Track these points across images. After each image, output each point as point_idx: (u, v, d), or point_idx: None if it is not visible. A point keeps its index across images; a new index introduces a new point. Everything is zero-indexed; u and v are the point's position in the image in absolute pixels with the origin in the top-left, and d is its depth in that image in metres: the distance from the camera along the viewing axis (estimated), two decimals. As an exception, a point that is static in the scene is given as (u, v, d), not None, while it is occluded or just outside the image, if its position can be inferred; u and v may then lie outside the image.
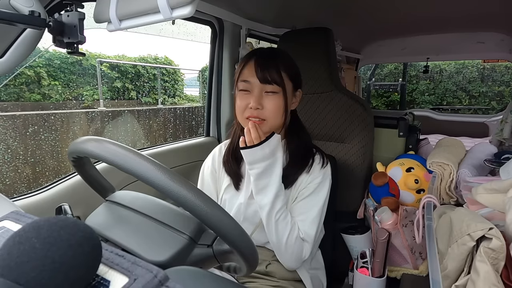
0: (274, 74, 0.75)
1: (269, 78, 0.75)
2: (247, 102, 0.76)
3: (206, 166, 0.93)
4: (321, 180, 0.82)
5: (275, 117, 0.77)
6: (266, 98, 0.77)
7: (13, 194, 0.88)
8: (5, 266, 0.22)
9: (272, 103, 0.76)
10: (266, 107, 0.76)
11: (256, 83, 0.76)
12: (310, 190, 0.82)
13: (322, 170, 0.84)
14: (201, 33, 3.13)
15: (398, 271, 1.09)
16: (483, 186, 0.63)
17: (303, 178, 0.82)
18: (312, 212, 0.81)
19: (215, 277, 0.36)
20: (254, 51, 0.81)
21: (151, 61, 5.94)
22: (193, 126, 5.76)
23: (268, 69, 0.75)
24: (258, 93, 0.76)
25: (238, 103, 0.78)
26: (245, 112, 0.78)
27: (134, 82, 5.59)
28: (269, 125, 0.77)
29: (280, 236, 0.76)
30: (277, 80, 0.76)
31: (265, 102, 0.76)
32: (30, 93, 4.41)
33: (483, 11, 1.44)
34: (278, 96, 0.77)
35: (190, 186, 0.42)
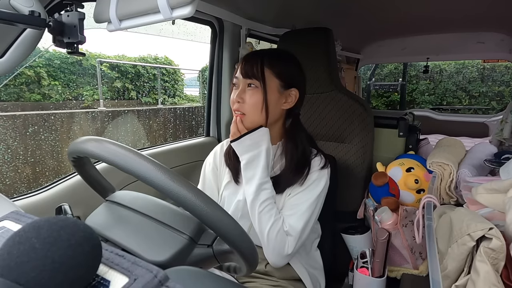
0: (254, 69, 0.77)
1: (249, 72, 0.78)
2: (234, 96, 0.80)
3: (208, 163, 0.93)
4: (316, 177, 0.81)
5: (253, 112, 0.78)
6: (246, 92, 0.79)
7: (13, 194, 0.88)
8: (5, 266, 0.22)
9: (250, 98, 0.78)
10: (245, 101, 0.78)
11: (241, 78, 0.79)
12: (303, 187, 0.80)
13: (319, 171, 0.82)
14: (201, 33, 3.13)
15: (398, 271, 1.09)
16: (483, 186, 0.63)
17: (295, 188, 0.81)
18: (301, 207, 0.78)
19: (215, 277, 0.36)
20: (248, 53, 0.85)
21: (151, 61, 5.94)
22: (193, 126, 5.76)
23: (251, 64, 0.78)
24: (241, 88, 0.79)
25: (230, 97, 0.82)
26: (234, 106, 0.80)
27: (134, 82, 5.59)
28: (248, 120, 0.78)
29: (263, 228, 0.75)
30: (256, 75, 0.77)
31: (245, 96, 0.79)
32: (30, 93, 4.40)
33: (483, 11, 1.44)
34: (257, 91, 0.78)
35: (190, 186, 0.42)
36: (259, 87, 0.78)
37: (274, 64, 0.79)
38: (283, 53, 0.85)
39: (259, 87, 0.78)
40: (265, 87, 0.77)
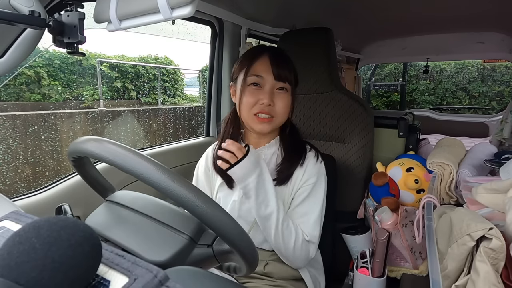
0: (287, 72, 0.77)
1: (283, 75, 0.76)
2: (258, 98, 0.76)
3: (200, 166, 0.93)
4: (317, 179, 0.82)
5: (283, 115, 0.78)
6: (277, 95, 0.77)
7: (13, 194, 0.88)
8: (5, 266, 0.22)
9: (283, 101, 0.77)
10: (277, 104, 0.77)
11: (270, 79, 0.76)
12: (307, 191, 0.81)
13: (316, 166, 0.83)
14: (201, 33, 3.13)
15: (398, 271, 1.09)
16: (483, 186, 0.63)
17: (298, 174, 0.82)
18: (313, 213, 0.80)
19: (215, 277, 0.36)
20: (263, 47, 0.80)
21: (151, 61, 5.94)
22: (193, 126, 5.76)
23: (282, 67, 0.76)
24: (270, 90, 0.76)
25: (248, 99, 0.76)
26: (253, 108, 0.77)
27: (134, 82, 5.59)
28: (277, 122, 0.79)
29: (287, 244, 0.75)
30: (289, 79, 0.77)
31: (276, 100, 0.77)
32: (30, 93, 4.40)
33: (483, 11, 1.44)
34: (288, 95, 0.78)
35: (190, 186, 0.42)
36: (289, 91, 0.78)
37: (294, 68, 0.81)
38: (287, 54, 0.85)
39: (289, 91, 0.78)
40: (293, 91, 0.79)
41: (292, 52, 1.23)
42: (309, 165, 0.83)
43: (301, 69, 1.21)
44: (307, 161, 0.83)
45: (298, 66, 1.23)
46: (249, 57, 0.79)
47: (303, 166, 0.82)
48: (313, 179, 0.81)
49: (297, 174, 0.82)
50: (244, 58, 0.80)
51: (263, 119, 0.77)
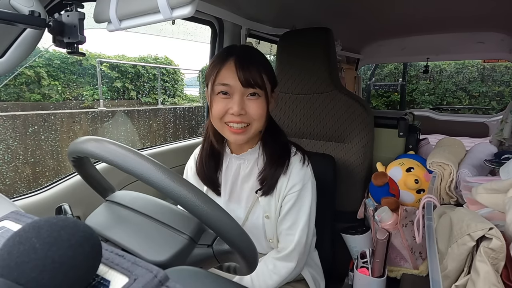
0: (256, 76, 0.70)
1: (252, 81, 0.69)
2: (227, 107, 0.71)
3: (189, 167, 0.90)
4: (302, 185, 0.78)
5: (259, 121, 0.73)
6: (248, 102, 0.71)
7: (13, 194, 0.88)
8: (5, 266, 0.22)
9: (256, 107, 0.71)
10: (249, 112, 0.71)
11: (238, 86, 0.69)
12: (293, 199, 0.78)
13: (301, 171, 0.78)
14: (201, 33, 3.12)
15: (398, 271, 1.09)
16: (483, 186, 0.63)
17: (283, 182, 0.78)
18: (299, 222, 0.78)
19: (215, 277, 0.36)
20: (230, 50, 0.73)
21: (151, 61, 5.94)
22: (193, 126, 5.76)
23: (250, 71, 0.69)
24: (239, 98, 0.70)
25: (216, 108, 0.72)
26: (225, 117, 0.72)
27: (134, 82, 5.59)
28: (253, 129, 0.73)
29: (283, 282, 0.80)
30: (259, 83, 0.70)
31: (248, 107, 0.71)
32: (30, 93, 4.40)
33: (483, 11, 1.44)
34: (261, 100, 0.72)
35: (190, 186, 0.42)
36: (262, 95, 0.72)
37: (267, 68, 0.74)
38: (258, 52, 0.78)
39: (262, 96, 0.72)
40: (267, 95, 0.73)
41: (292, 52, 1.25)
42: (294, 172, 0.78)
43: (301, 69, 1.22)
44: (291, 167, 0.78)
45: (298, 66, 1.23)
46: (216, 63, 0.72)
47: (287, 173, 0.78)
48: (299, 185, 0.77)
49: (282, 182, 0.78)
50: (213, 64, 0.73)
51: (236, 130, 0.72)
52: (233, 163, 0.83)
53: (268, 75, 0.74)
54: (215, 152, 0.83)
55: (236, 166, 0.83)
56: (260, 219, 0.80)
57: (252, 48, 0.79)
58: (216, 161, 0.84)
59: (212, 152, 0.83)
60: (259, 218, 0.80)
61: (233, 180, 0.83)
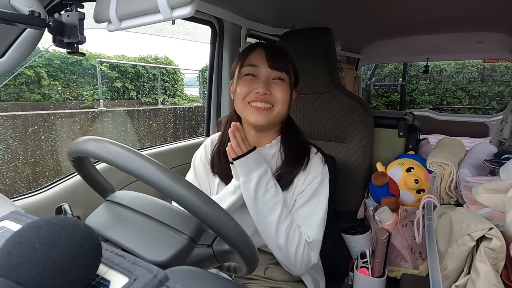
0: (282, 62, 0.75)
1: (278, 65, 0.74)
2: (251, 88, 0.73)
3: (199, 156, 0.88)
4: (321, 179, 0.79)
5: (282, 104, 0.75)
6: (273, 84, 0.75)
7: (13, 194, 0.88)
8: (5, 266, 0.22)
9: (280, 90, 0.74)
10: (274, 94, 0.74)
11: (264, 69, 0.74)
12: (311, 191, 0.77)
13: (320, 168, 0.80)
14: (201, 33, 3.13)
15: (398, 271, 1.09)
16: (483, 186, 0.63)
17: (300, 178, 0.78)
18: (317, 215, 0.77)
19: (215, 277, 0.36)
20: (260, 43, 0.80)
21: (151, 61, 5.94)
22: (193, 126, 5.76)
23: (277, 57, 0.75)
24: (265, 79, 0.74)
25: (241, 89, 0.74)
26: (248, 96, 0.74)
27: (134, 82, 5.59)
28: (276, 111, 0.75)
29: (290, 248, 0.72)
30: (285, 68, 0.75)
31: (272, 89, 0.74)
32: (30, 93, 4.40)
33: (483, 11, 1.44)
34: (285, 85, 0.76)
35: (190, 186, 0.42)
36: (286, 81, 0.76)
37: (292, 63, 0.79)
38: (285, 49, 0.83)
39: (286, 81, 0.76)
40: (291, 81, 0.77)
41: (292, 52, 1.24)
42: (312, 168, 0.79)
43: (301, 69, 1.21)
44: (310, 164, 0.79)
45: (298, 66, 1.23)
46: (245, 51, 0.78)
47: (306, 171, 0.79)
48: (317, 179, 0.78)
49: (299, 179, 0.78)
50: (241, 54, 0.79)
51: (259, 108, 0.73)
52: None
53: (293, 68, 0.79)
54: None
55: None
56: None
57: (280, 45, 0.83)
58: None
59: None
60: None
61: None
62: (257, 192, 0.71)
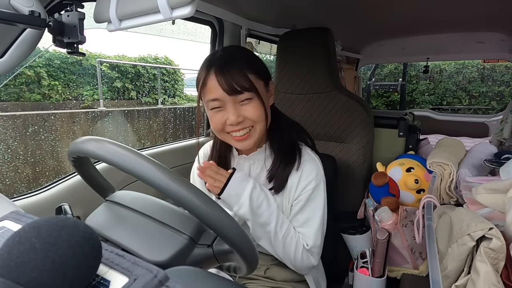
0: (241, 80, 0.66)
1: (238, 88, 0.66)
2: (224, 118, 0.70)
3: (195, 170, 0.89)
4: (316, 183, 0.77)
5: (261, 122, 0.71)
6: (243, 107, 0.69)
7: (13, 194, 0.88)
8: (5, 266, 0.22)
9: (252, 110, 0.69)
10: (247, 116, 0.69)
11: (226, 97, 0.67)
12: (306, 197, 0.76)
13: (314, 172, 0.77)
14: (201, 33, 3.12)
15: (398, 271, 1.09)
16: (483, 186, 0.63)
17: (294, 179, 0.76)
18: (314, 221, 0.77)
19: (215, 277, 0.36)
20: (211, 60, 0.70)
21: (151, 61, 5.94)
22: (193, 126, 5.76)
23: (233, 77, 0.66)
24: (233, 107, 0.68)
25: (214, 122, 0.71)
26: (225, 128, 0.71)
27: (134, 82, 5.59)
28: (258, 131, 0.72)
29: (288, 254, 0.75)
30: (247, 87, 0.67)
31: (244, 112, 0.69)
32: (30, 93, 4.41)
33: (483, 11, 1.43)
34: (255, 101, 0.69)
35: (190, 186, 0.42)
36: (254, 96, 0.69)
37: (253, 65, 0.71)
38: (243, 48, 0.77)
39: (254, 96, 0.69)
40: (259, 94, 0.69)
41: (292, 52, 1.25)
42: (305, 170, 0.77)
43: (301, 69, 1.22)
44: (303, 165, 0.77)
45: (298, 66, 1.23)
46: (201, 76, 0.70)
47: (299, 171, 0.77)
48: (312, 184, 0.76)
49: (293, 180, 0.77)
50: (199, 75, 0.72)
51: (240, 137, 0.71)
52: (243, 164, 0.83)
53: (256, 72, 0.70)
54: (224, 157, 0.83)
55: (246, 167, 0.82)
56: None
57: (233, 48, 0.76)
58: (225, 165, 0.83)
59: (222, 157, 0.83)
60: None
61: None
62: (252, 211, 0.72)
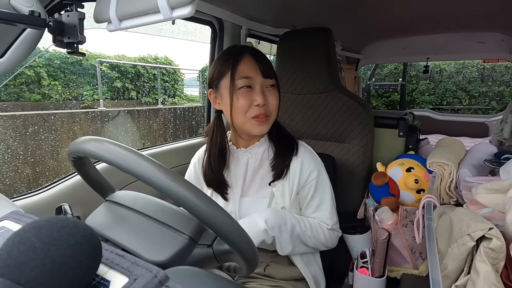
0: (271, 68, 0.75)
1: (269, 72, 0.74)
2: (251, 100, 0.73)
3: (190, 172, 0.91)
4: (318, 171, 0.82)
5: (275, 111, 0.78)
6: (268, 93, 0.75)
7: (13, 194, 0.88)
8: (5, 266, 0.22)
9: (275, 98, 0.76)
10: (269, 102, 0.75)
11: (259, 78, 0.73)
12: (314, 185, 0.82)
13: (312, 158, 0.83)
14: (201, 33, 3.12)
15: (398, 271, 1.09)
16: (483, 186, 0.63)
17: (296, 165, 0.81)
18: (326, 203, 0.83)
19: (215, 277, 0.36)
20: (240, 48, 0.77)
21: (151, 61, 5.94)
22: (193, 126, 5.76)
23: (267, 63, 0.74)
24: (261, 89, 0.74)
25: (241, 102, 0.73)
26: (249, 111, 0.73)
27: (134, 82, 5.59)
28: (271, 120, 0.77)
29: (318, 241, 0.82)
30: (274, 74, 0.75)
31: (268, 98, 0.75)
32: (30, 93, 4.41)
33: (483, 11, 1.43)
34: (276, 91, 0.77)
35: (190, 186, 0.42)
36: (275, 86, 0.77)
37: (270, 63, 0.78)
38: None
39: (275, 86, 0.77)
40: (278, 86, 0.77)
41: (292, 52, 1.25)
42: (306, 158, 0.82)
43: (301, 69, 1.22)
44: (301, 154, 0.82)
45: (298, 66, 1.23)
46: (231, 60, 0.74)
47: (299, 157, 0.81)
48: (315, 172, 0.82)
49: (295, 166, 0.81)
50: (224, 62, 0.75)
51: (261, 120, 0.74)
52: (241, 158, 0.84)
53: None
54: (223, 152, 0.84)
55: (244, 161, 0.84)
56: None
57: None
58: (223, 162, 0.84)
59: (221, 152, 0.84)
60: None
61: (243, 175, 0.84)
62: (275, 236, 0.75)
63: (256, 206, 0.81)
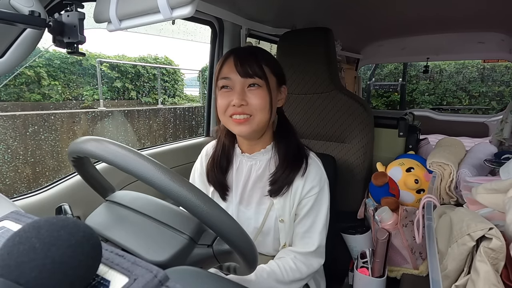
0: (254, 67, 0.71)
1: (250, 71, 0.71)
2: (229, 100, 0.72)
3: (196, 169, 0.90)
4: (320, 188, 0.78)
5: (261, 111, 0.72)
6: (249, 93, 0.72)
7: (13, 194, 0.88)
8: (5, 266, 0.22)
9: (257, 97, 0.71)
10: (250, 103, 0.71)
11: (237, 78, 0.71)
12: (311, 202, 0.78)
13: (318, 176, 0.79)
14: (201, 33, 3.12)
15: (398, 271, 1.09)
16: (483, 186, 0.63)
17: (299, 184, 0.77)
18: (318, 224, 0.79)
19: (215, 277, 0.36)
20: (231, 50, 0.76)
21: (151, 61, 5.94)
22: (193, 126, 5.76)
23: (248, 62, 0.71)
24: (240, 89, 0.71)
25: (220, 102, 0.74)
26: (227, 110, 0.73)
27: (134, 82, 5.59)
28: (256, 120, 0.72)
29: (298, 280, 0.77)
30: (258, 73, 0.71)
31: (249, 98, 0.72)
32: (30, 93, 4.40)
33: (483, 11, 1.44)
34: (262, 90, 0.72)
35: (190, 186, 0.42)
36: (263, 86, 0.72)
37: (270, 61, 0.75)
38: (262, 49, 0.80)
39: (263, 86, 0.72)
40: (269, 85, 0.73)
41: (292, 52, 1.25)
42: (310, 175, 0.78)
43: (301, 69, 1.22)
44: (308, 171, 0.78)
45: (298, 66, 1.23)
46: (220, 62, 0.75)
47: (304, 176, 0.77)
48: (316, 188, 0.78)
49: (298, 184, 0.77)
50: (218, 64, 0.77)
51: (238, 120, 0.72)
52: (245, 164, 0.82)
53: (272, 68, 0.75)
54: (227, 154, 0.83)
55: (247, 167, 0.82)
56: (272, 223, 0.79)
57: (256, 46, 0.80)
58: (227, 163, 0.83)
59: (224, 153, 0.83)
60: (273, 222, 0.79)
61: (244, 182, 0.81)
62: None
63: (255, 216, 0.80)
